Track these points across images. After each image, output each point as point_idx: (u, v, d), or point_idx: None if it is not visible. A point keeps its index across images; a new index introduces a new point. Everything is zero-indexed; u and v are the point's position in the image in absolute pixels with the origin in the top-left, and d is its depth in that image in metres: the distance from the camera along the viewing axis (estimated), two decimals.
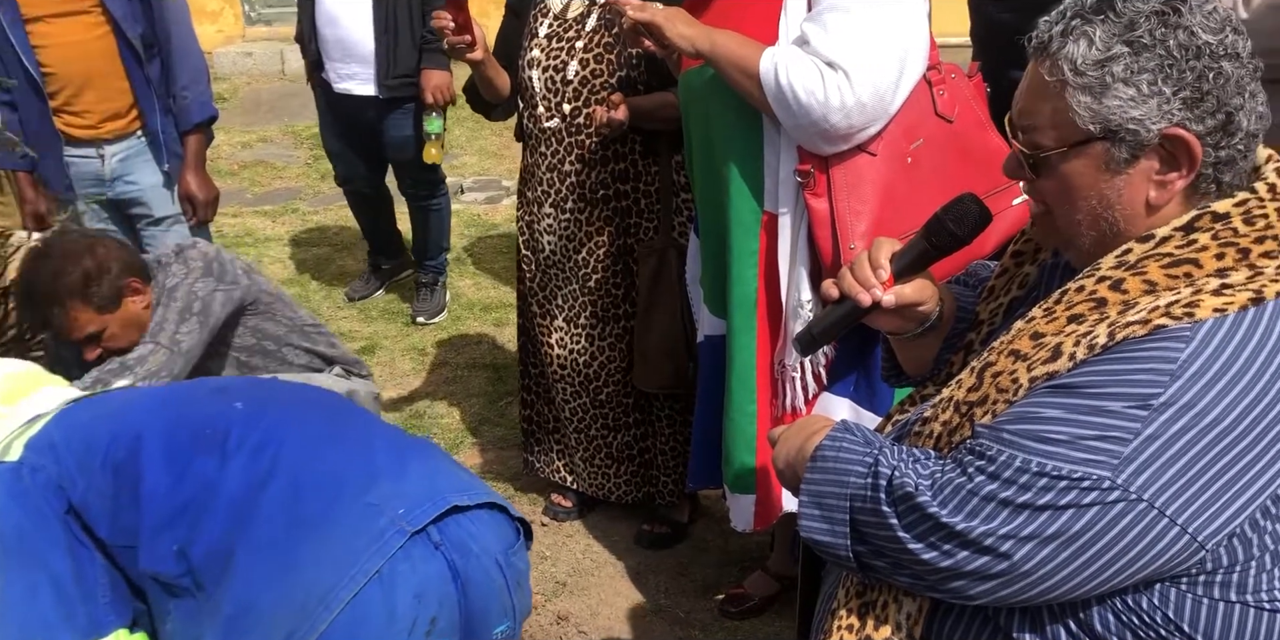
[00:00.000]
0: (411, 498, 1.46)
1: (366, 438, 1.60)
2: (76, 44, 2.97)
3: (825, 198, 1.96)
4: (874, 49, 1.85)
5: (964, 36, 3.44)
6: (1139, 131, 1.08)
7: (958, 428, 1.19)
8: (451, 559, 1.44)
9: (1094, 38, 1.08)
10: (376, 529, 1.40)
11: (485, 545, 1.47)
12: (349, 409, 1.71)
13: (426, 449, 1.65)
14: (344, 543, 1.41)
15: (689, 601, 2.61)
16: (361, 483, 1.48)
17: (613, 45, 2.50)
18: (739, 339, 2.15)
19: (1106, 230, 1.14)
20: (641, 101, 2.48)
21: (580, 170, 2.58)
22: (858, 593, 1.29)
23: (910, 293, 1.33)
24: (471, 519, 1.48)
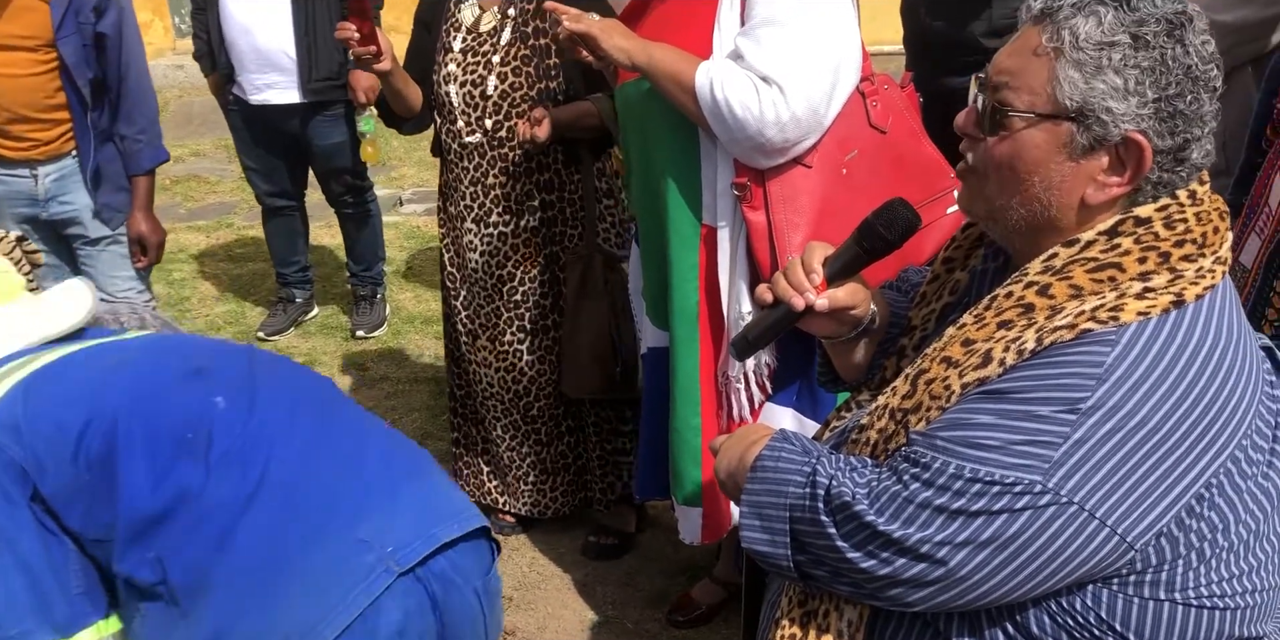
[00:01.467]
0: (401, 534, 1.40)
1: (358, 446, 1.51)
2: (18, 77, 2.89)
3: (763, 210, 1.97)
4: (808, 63, 1.87)
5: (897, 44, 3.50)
6: (1108, 124, 1.08)
7: (893, 435, 1.20)
8: (433, 591, 1.41)
9: (1104, 19, 1.08)
10: (365, 566, 1.35)
11: (467, 576, 1.45)
12: (335, 401, 1.59)
13: (416, 461, 1.56)
14: (330, 577, 1.36)
15: (636, 612, 2.61)
16: (351, 513, 1.42)
17: (530, 58, 2.52)
18: (681, 351, 2.16)
19: (1039, 213, 1.14)
20: (561, 113, 2.50)
21: (505, 183, 2.60)
22: (800, 602, 1.30)
23: (843, 296, 1.34)
24: (459, 550, 1.45)
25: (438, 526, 1.43)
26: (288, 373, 1.61)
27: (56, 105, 2.93)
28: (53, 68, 2.88)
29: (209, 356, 1.56)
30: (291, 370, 1.64)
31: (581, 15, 2.00)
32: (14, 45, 2.85)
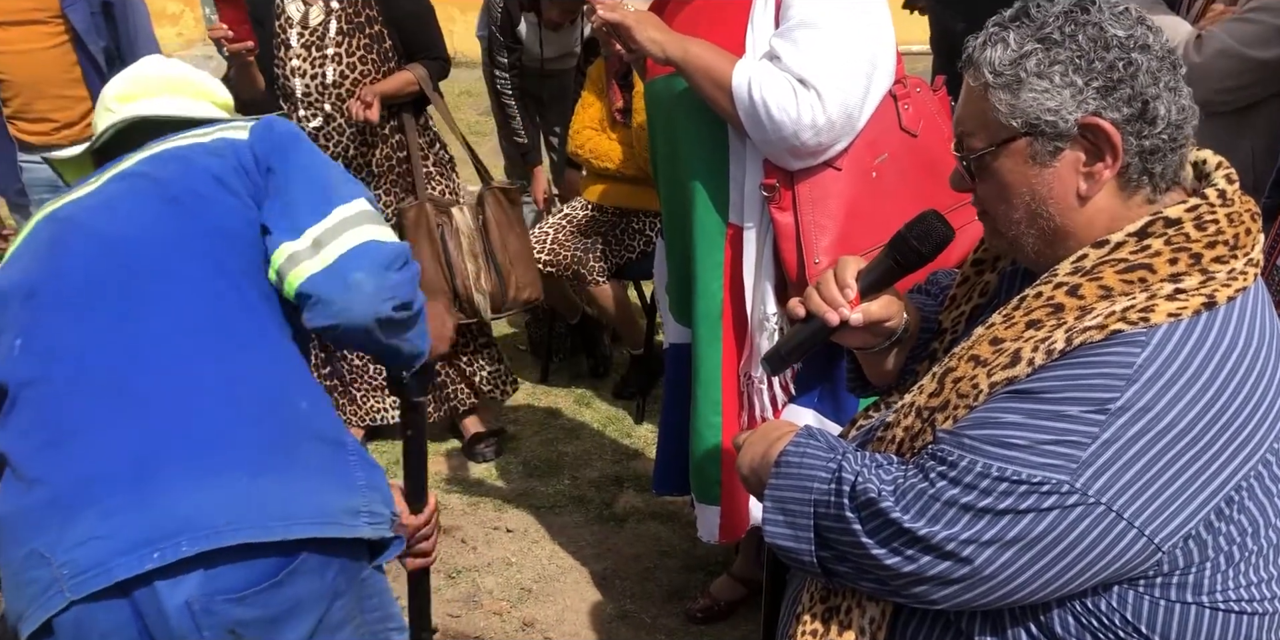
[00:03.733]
0: (82, 558, 1.26)
1: (139, 415, 1.32)
2: (32, 52, 2.95)
3: (790, 212, 1.97)
4: (844, 66, 1.87)
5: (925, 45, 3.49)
6: (1057, 122, 1.13)
7: (919, 433, 1.21)
8: (135, 597, 1.28)
9: (1009, 41, 1.15)
10: (40, 582, 1.27)
11: (178, 585, 1.27)
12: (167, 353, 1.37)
13: (192, 447, 1.32)
14: (15, 582, 1.31)
15: (655, 607, 2.62)
16: (40, 516, 1.29)
17: (371, 45, 2.93)
18: (704, 350, 2.16)
19: (1046, 226, 1.17)
20: (385, 86, 2.95)
21: (366, 153, 3.07)
22: (822, 598, 1.30)
23: (877, 310, 1.35)
24: (200, 559, 1.28)
25: (125, 556, 1.26)
26: (169, 299, 1.41)
27: (73, 79, 2.98)
28: (65, 40, 2.94)
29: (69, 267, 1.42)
30: (177, 295, 1.42)
31: (618, 4, 1.99)
32: (25, 20, 2.91)
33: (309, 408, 1.43)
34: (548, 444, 3.47)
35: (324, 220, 1.43)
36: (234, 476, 1.31)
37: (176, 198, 1.46)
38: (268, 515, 1.30)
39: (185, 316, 1.39)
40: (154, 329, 1.38)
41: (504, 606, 2.62)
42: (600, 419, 3.62)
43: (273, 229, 1.45)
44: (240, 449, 1.34)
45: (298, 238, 1.42)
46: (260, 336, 1.43)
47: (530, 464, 3.33)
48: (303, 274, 1.41)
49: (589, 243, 3.60)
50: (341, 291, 1.39)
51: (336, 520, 1.35)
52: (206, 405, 1.35)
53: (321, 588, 1.36)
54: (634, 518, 3.01)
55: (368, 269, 1.40)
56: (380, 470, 1.47)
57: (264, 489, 1.32)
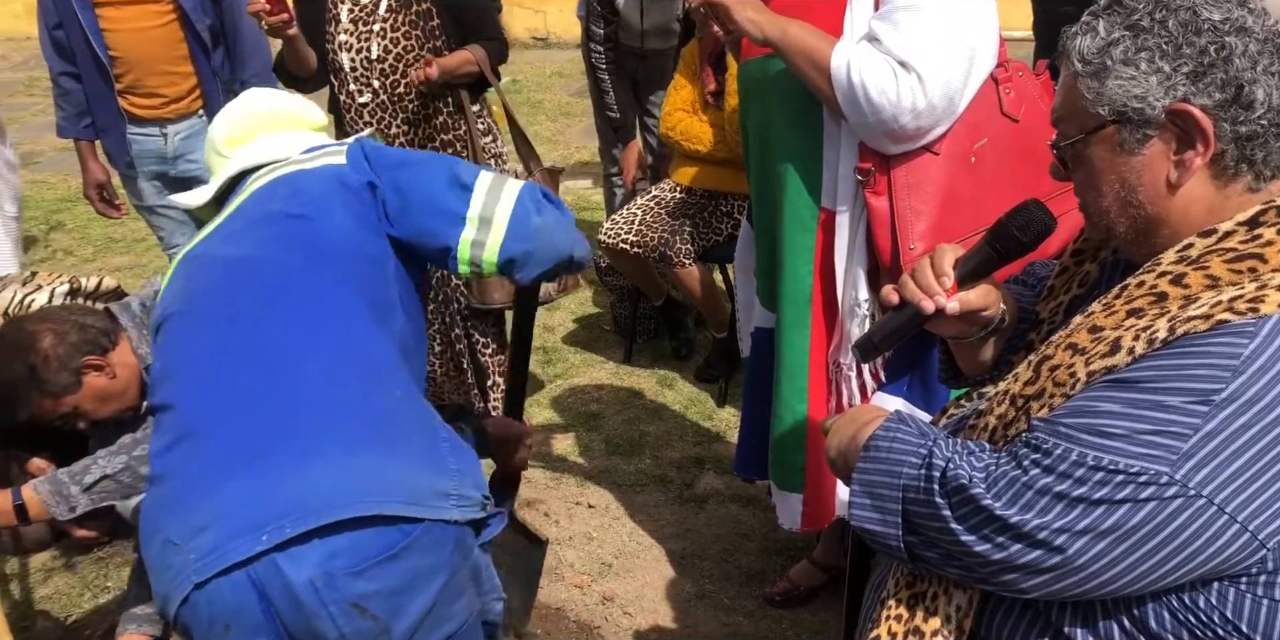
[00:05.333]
0: (204, 542, 1.36)
1: (233, 417, 1.44)
2: (143, 30, 3.06)
3: (885, 196, 1.95)
4: (945, 49, 1.84)
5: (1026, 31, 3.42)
6: (1144, 109, 1.12)
7: (1013, 421, 1.20)
8: (254, 576, 1.36)
9: (1098, 29, 1.15)
10: (174, 568, 1.38)
11: (300, 563, 1.35)
12: (276, 345, 1.49)
13: (290, 436, 1.42)
14: (156, 565, 1.41)
15: (734, 588, 2.64)
16: (174, 505, 1.41)
17: (416, 22, 2.90)
18: (789, 335, 2.15)
19: (1137, 215, 1.16)
20: (447, 61, 2.91)
21: (407, 131, 3.01)
22: (907, 583, 1.30)
23: (975, 299, 1.33)
24: (314, 537, 1.36)
25: (238, 539, 1.35)
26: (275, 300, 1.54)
27: (181, 56, 3.09)
28: (173, 19, 3.05)
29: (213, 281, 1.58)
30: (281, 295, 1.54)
31: None
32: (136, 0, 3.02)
33: (403, 396, 1.52)
34: (630, 423, 3.50)
35: (474, 200, 1.61)
36: (332, 459, 1.40)
37: (287, 220, 1.59)
38: (362, 494, 1.37)
39: (294, 322, 1.51)
40: (267, 335, 1.50)
41: (585, 580, 2.67)
42: (682, 401, 3.64)
43: (435, 231, 1.62)
44: (338, 433, 1.43)
45: (464, 226, 1.61)
46: (360, 335, 1.53)
47: (612, 442, 3.36)
48: (494, 249, 1.61)
49: (676, 224, 3.61)
50: (535, 242, 1.63)
51: (425, 501, 1.41)
52: (308, 396, 1.45)
53: (439, 562, 1.43)
54: (714, 499, 3.02)
55: (535, 213, 1.63)
56: (472, 455, 1.53)
57: (359, 469, 1.40)
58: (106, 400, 2.13)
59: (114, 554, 2.83)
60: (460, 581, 1.49)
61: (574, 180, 6.01)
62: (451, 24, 2.94)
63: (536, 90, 7.97)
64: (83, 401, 2.09)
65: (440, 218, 1.61)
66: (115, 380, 2.11)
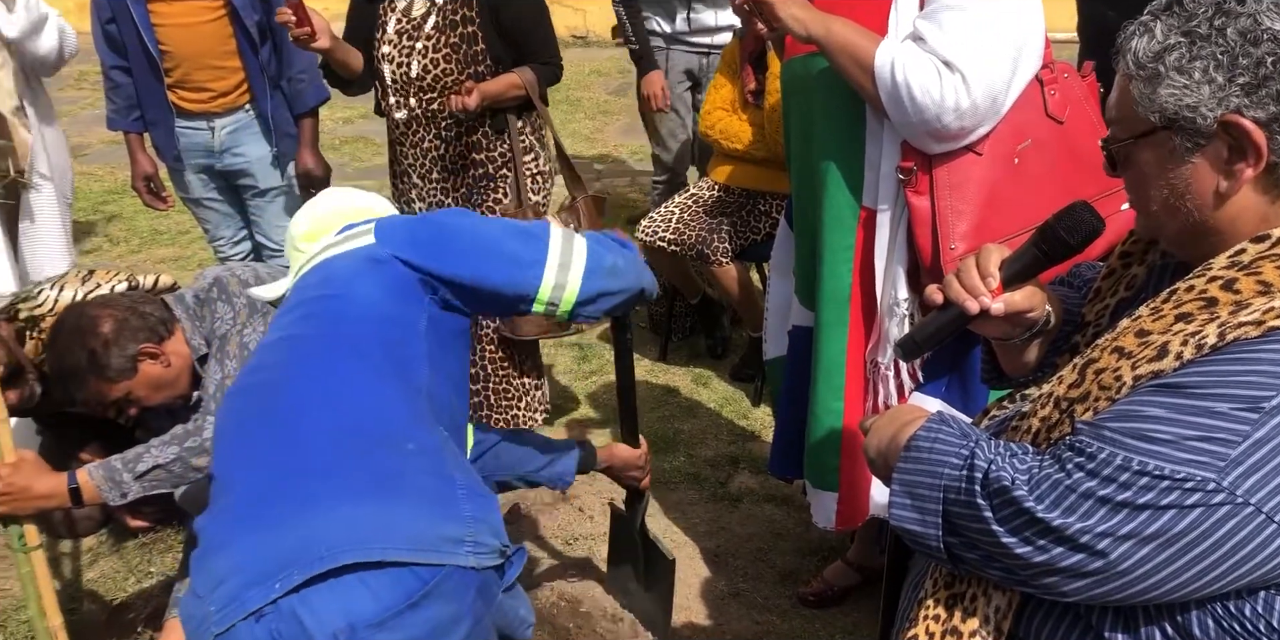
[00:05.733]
0: (222, 594, 1.41)
1: (256, 466, 1.52)
2: (193, 26, 3.10)
3: (927, 196, 1.95)
4: (990, 49, 1.83)
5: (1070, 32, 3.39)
6: (1195, 119, 1.10)
7: (1057, 424, 1.19)
8: (275, 631, 1.38)
9: (1155, 32, 1.13)
10: (197, 618, 1.42)
11: (321, 618, 1.37)
12: (295, 406, 1.57)
13: (310, 483, 1.47)
14: (187, 621, 1.46)
15: (767, 587, 2.64)
16: (201, 555, 1.48)
17: (459, 45, 2.82)
18: (828, 334, 2.15)
19: (1185, 221, 1.15)
20: (491, 86, 2.84)
21: (439, 146, 2.96)
22: (946, 584, 1.29)
23: (1020, 300, 1.32)
24: (325, 585, 1.38)
25: (252, 588, 1.39)
26: (309, 351, 1.64)
27: (229, 51, 3.13)
28: (223, 15, 3.09)
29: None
30: (317, 342, 1.65)
31: None
32: None
33: (415, 449, 1.55)
34: (665, 421, 3.50)
35: (551, 247, 1.76)
36: (331, 508, 1.44)
37: (316, 301, 1.69)
38: (364, 540, 1.40)
39: (306, 389, 1.59)
40: (281, 404, 1.58)
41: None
42: (717, 399, 3.64)
43: (514, 279, 1.73)
44: (338, 485, 1.47)
45: (544, 272, 1.74)
46: (368, 397, 1.59)
47: (647, 439, 3.35)
48: (574, 288, 1.77)
49: (714, 223, 3.61)
50: (612, 280, 1.81)
51: (433, 547, 1.44)
52: (312, 454, 1.50)
53: (461, 609, 1.45)
54: (749, 498, 3.02)
55: (609, 255, 1.81)
56: (492, 502, 1.56)
57: (359, 517, 1.43)
58: (159, 388, 2.18)
59: (157, 540, 2.88)
60: (485, 628, 1.51)
61: (610, 178, 6.03)
62: (504, 47, 2.87)
63: (575, 88, 7.99)
64: (136, 388, 2.15)
65: (517, 266, 1.74)
66: (169, 369, 2.16)
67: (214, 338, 2.24)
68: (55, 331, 2.14)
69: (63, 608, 1.95)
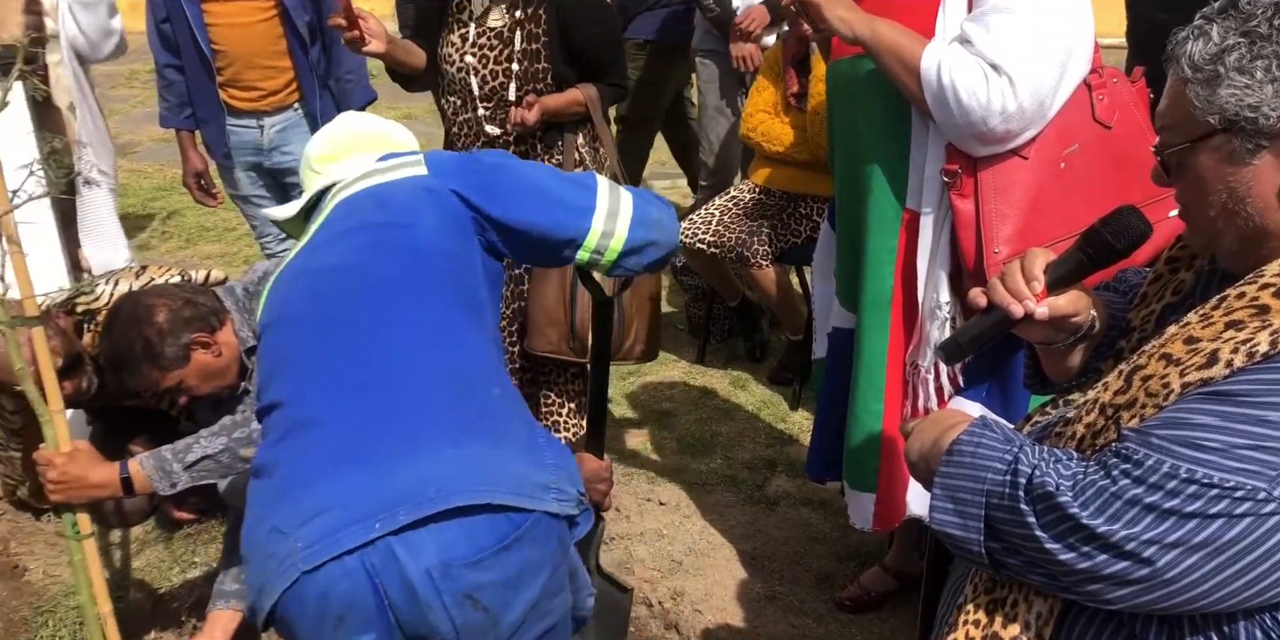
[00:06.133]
0: (313, 531, 1.37)
1: (346, 408, 1.47)
2: (245, 26, 3.16)
3: (971, 199, 1.94)
4: (1038, 52, 1.82)
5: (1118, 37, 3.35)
6: (1257, 119, 1.09)
7: (1102, 430, 1.18)
8: (369, 563, 1.36)
9: (1211, 34, 1.12)
10: (278, 556, 1.38)
11: (417, 553, 1.36)
12: (383, 349, 1.53)
13: (411, 426, 1.45)
14: (257, 555, 1.42)
15: (803, 591, 2.63)
16: (281, 493, 1.43)
17: (521, 59, 2.77)
18: (869, 336, 2.15)
19: (1244, 226, 1.13)
20: (552, 101, 2.80)
21: None
22: (986, 589, 1.29)
23: (1064, 305, 1.31)
24: (427, 527, 1.37)
25: (351, 526, 1.36)
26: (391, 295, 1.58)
27: (279, 51, 3.18)
28: (274, 15, 3.13)
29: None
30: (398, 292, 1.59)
31: None
32: None
33: (501, 393, 1.55)
34: (702, 423, 3.51)
35: (598, 199, 1.76)
36: (440, 450, 1.43)
37: (378, 228, 1.64)
38: (472, 483, 1.39)
39: (394, 323, 1.55)
40: (370, 336, 1.54)
41: (655, 576, 2.68)
42: (755, 402, 3.64)
43: (562, 223, 1.73)
44: (443, 428, 1.46)
45: (592, 221, 1.74)
46: (459, 336, 1.57)
47: (684, 441, 3.38)
48: (621, 237, 1.77)
49: (754, 225, 3.61)
50: (656, 231, 1.81)
51: (529, 492, 1.43)
52: (412, 393, 1.48)
53: (545, 554, 1.45)
54: (785, 502, 3.02)
55: (653, 209, 1.82)
56: (567, 452, 1.56)
57: (467, 460, 1.43)
58: (209, 377, 2.22)
59: (201, 531, 2.93)
60: (561, 577, 1.50)
61: (653, 181, 6.04)
62: (569, 66, 2.81)
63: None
64: (188, 377, 2.19)
65: (567, 211, 1.73)
66: (220, 358, 2.21)
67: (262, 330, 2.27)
68: (111, 319, 2.19)
69: (110, 595, 1.98)
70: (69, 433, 1.97)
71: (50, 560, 2.79)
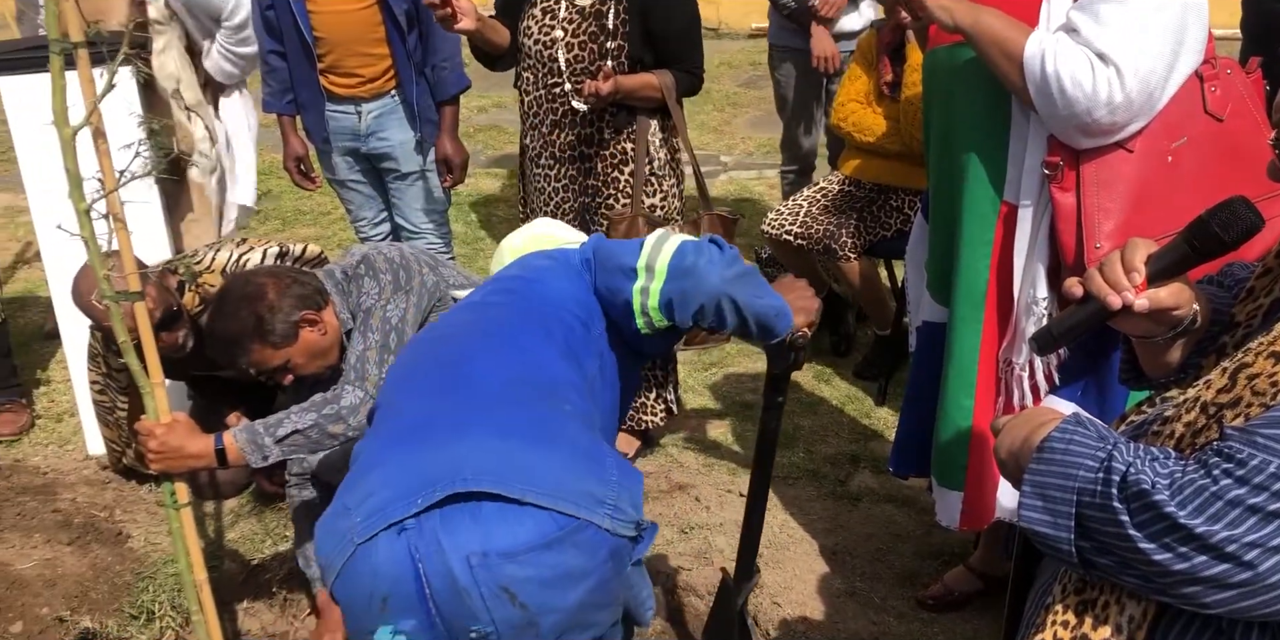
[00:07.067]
0: (370, 505, 1.45)
1: (418, 396, 1.60)
2: (346, 13, 3.23)
3: (1073, 193, 1.89)
4: (1148, 43, 1.77)
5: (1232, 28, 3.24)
6: None
7: (1203, 429, 1.15)
8: (414, 547, 1.41)
9: None
10: (340, 531, 1.47)
11: (459, 540, 1.40)
12: (467, 353, 1.64)
13: (461, 415, 1.54)
14: (328, 535, 1.50)
15: (885, 588, 2.61)
16: (354, 474, 1.54)
17: (598, 35, 2.79)
18: (961, 330, 2.12)
19: None
20: (627, 81, 2.78)
21: (551, 132, 2.94)
22: (1076, 590, 1.26)
23: (1165, 297, 1.27)
24: (466, 510, 1.42)
25: (397, 502, 1.43)
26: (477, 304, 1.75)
27: (378, 38, 3.25)
28: (373, 3, 3.20)
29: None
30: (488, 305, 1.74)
31: None
32: None
33: (573, 412, 1.59)
34: (785, 416, 3.43)
35: (642, 252, 1.70)
36: (488, 437, 1.49)
37: (510, 279, 1.79)
38: (507, 475, 1.43)
39: (484, 340, 1.66)
40: (459, 348, 1.66)
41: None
42: (839, 397, 3.60)
43: (618, 287, 1.71)
44: (495, 420, 1.52)
45: (636, 276, 1.69)
46: (540, 357, 1.64)
47: None
48: (656, 292, 1.67)
49: (842, 218, 3.57)
50: (687, 280, 1.65)
51: (572, 499, 1.45)
52: (484, 387, 1.57)
53: (591, 565, 1.47)
54: (868, 498, 2.99)
55: (692, 255, 1.66)
56: (638, 477, 1.57)
57: (508, 453, 1.47)
58: (314, 356, 2.29)
59: None
60: (610, 591, 1.52)
61: (738, 171, 6.02)
62: (645, 49, 2.82)
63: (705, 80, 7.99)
64: (295, 355, 2.26)
65: (619, 274, 1.71)
66: (325, 337, 2.28)
67: (359, 311, 2.33)
68: (221, 298, 2.26)
69: (206, 564, 2.05)
70: (169, 405, 2.05)
71: (151, 528, 2.90)
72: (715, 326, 1.71)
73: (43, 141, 2.69)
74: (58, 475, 3.14)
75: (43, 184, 2.94)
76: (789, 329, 1.74)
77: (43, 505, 2.90)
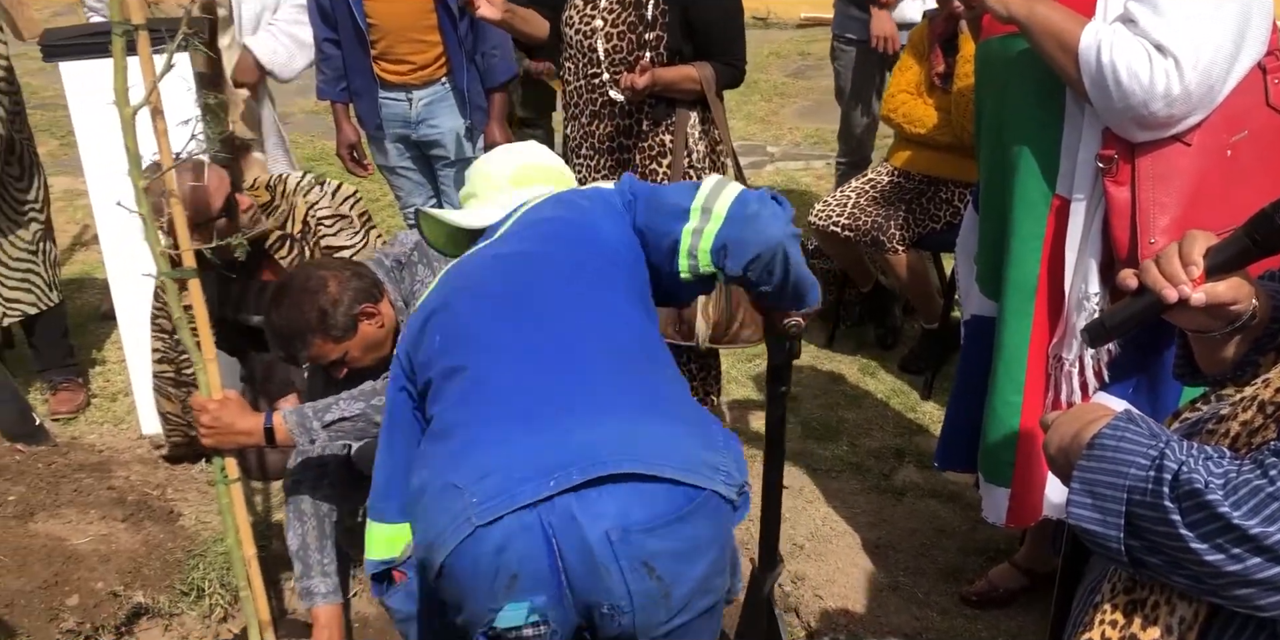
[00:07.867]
0: (489, 486, 1.40)
1: (528, 373, 1.52)
2: (400, 1, 3.25)
3: (1128, 186, 1.87)
4: (1208, 33, 1.74)
5: None
6: None
7: (1260, 429, 1.13)
8: (547, 522, 1.39)
9: None
10: (452, 511, 1.41)
11: (596, 515, 1.38)
12: (569, 323, 1.59)
13: (587, 392, 1.50)
14: (434, 510, 1.45)
15: (928, 583, 2.59)
16: (459, 451, 1.47)
17: (636, 25, 2.76)
18: (1011, 325, 2.10)
19: None
20: (666, 73, 2.75)
21: (590, 122, 2.93)
22: (1125, 589, 1.25)
23: (1223, 291, 1.24)
24: (605, 491, 1.40)
25: (526, 483, 1.39)
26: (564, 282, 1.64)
27: (430, 26, 3.28)
28: None
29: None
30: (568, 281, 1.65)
31: None
32: None
33: (673, 375, 1.61)
34: (828, 408, 3.47)
35: (699, 193, 1.67)
36: (617, 418, 1.47)
37: (556, 221, 1.72)
38: (645, 452, 1.42)
39: (573, 300, 1.60)
40: (549, 311, 1.59)
41: None
42: (884, 390, 3.58)
43: (667, 228, 1.67)
44: (623, 397, 1.50)
45: (688, 218, 1.66)
46: (632, 319, 1.63)
47: (809, 425, 3.35)
48: (710, 234, 1.64)
49: (891, 209, 3.55)
50: (748, 227, 1.64)
51: (699, 470, 1.45)
52: (596, 363, 1.53)
53: (716, 532, 1.48)
54: (912, 492, 2.97)
55: (755, 203, 1.65)
56: (737, 440, 1.58)
57: (643, 430, 1.46)
58: (371, 349, 2.29)
59: None
60: (726, 558, 1.53)
61: (784, 161, 5.99)
62: (684, 41, 2.79)
63: (753, 70, 7.89)
64: (353, 347, 2.27)
65: (670, 214, 1.67)
66: (381, 329, 2.29)
67: (411, 298, 2.35)
68: (281, 291, 2.27)
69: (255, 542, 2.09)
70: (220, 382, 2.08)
71: (202, 507, 2.95)
72: (754, 283, 1.70)
73: (102, 125, 2.75)
74: (112, 453, 3.21)
75: (101, 167, 3.00)
76: (818, 301, 1.77)
77: (98, 482, 2.96)
